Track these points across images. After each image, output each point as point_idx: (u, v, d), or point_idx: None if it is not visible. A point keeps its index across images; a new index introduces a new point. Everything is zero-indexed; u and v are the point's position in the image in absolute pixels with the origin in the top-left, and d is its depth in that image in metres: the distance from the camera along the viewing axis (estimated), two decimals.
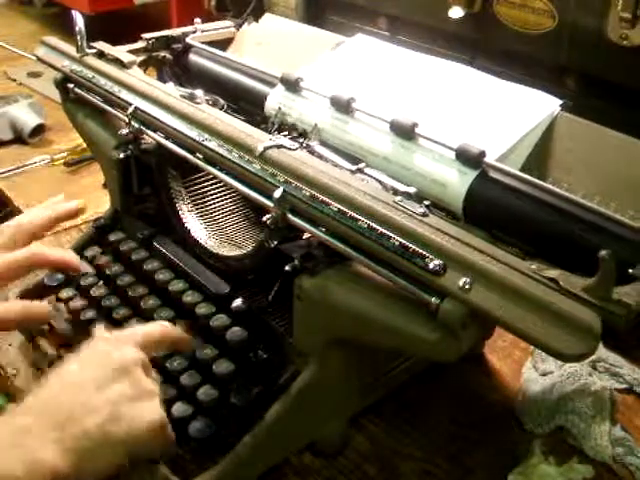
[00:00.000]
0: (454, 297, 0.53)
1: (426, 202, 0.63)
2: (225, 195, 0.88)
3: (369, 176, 0.68)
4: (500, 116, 0.70)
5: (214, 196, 0.87)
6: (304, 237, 0.67)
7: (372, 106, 0.74)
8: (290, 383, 0.68)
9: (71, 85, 0.95)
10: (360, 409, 0.77)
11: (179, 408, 0.69)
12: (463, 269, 0.53)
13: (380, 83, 0.79)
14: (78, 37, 0.92)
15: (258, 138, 0.70)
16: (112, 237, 0.89)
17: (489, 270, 0.52)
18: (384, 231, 0.57)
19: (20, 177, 1.27)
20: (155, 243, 0.85)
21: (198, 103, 0.79)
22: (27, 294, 0.88)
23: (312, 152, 0.72)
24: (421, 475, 0.72)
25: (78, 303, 0.84)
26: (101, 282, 0.86)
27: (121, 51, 0.93)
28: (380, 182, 0.67)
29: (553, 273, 0.51)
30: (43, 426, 0.51)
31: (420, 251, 0.55)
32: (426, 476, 0.72)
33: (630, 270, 0.51)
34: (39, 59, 0.99)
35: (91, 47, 0.93)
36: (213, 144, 0.72)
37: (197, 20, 1.02)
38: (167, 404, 0.70)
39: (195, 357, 0.72)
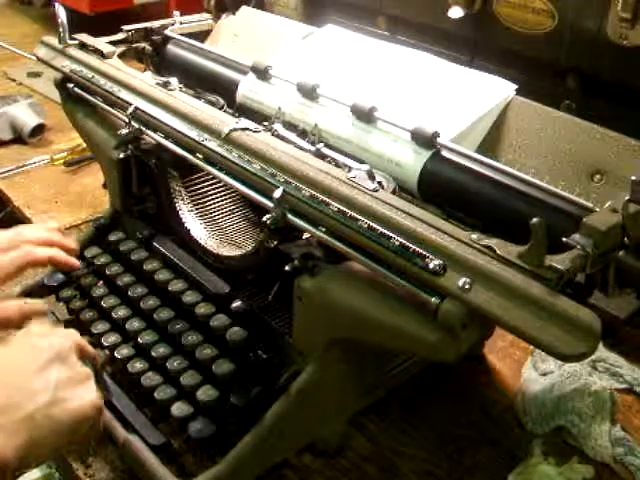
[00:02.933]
0: (454, 297, 0.53)
1: (378, 179, 0.65)
2: (225, 195, 0.88)
3: (327, 156, 0.71)
4: (457, 100, 0.74)
5: (214, 196, 0.87)
6: (304, 237, 0.67)
7: (336, 91, 0.77)
8: (290, 383, 0.68)
9: (71, 85, 0.95)
10: (360, 409, 0.77)
11: (179, 408, 0.69)
12: (463, 269, 0.53)
13: (346, 70, 0.83)
14: (60, 29, 0.95)
15: (224, 121, 0.74)
16: (112, 237, 0.89)
17: (489, 270, 0.52)
18: (384, 231, 0.57)
19: (20, 177, 1.27)
20: (155, 243, 0.85)
21: (172, 90, 0.82)
22: (27, 294, 0.88)
23: (275, 134, 0.75)
24: (421, 475, 0.72)
25: (78, 303, 0.84)
26: (101, 282, 0.86)
27: (101, 42, 0.95)
28: (336, 161, 0.70)
29: (491, 242, 0.54)
30: None
31: (420, 251, 0.55)
32: (426, 476, 0.72)
33: (564, 239, 0.52)
34: (39, 59, 1.00)
35: (73, 39, 0.96)
36: (213, 144, 0.73)
37: (176, 13, 1.05)
38: (167, 404, 0.70)
39: (195, 357, 0.72)
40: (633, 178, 0.55)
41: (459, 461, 0.73)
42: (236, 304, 0.73)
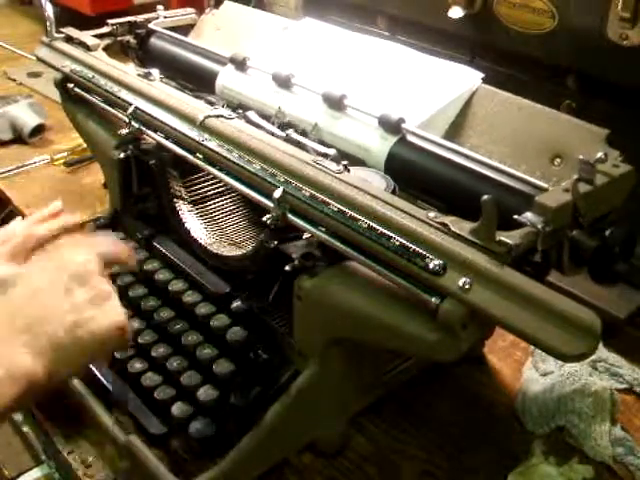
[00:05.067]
0: (454, 297, 0.53)
1: (344, 162, 0.68)
2: (225, 195, 0.88)
3: (296, 140, 0.74)
4: (426, 88, 0.77)
5: (214, 196, 0.87)
6: (304, 237, 0.67)
7: (309, 81, 0.81)
8: (290, 383, 0.68)
9: (71, 85, 0.95)
10: (360, 409, 0.77)
11: (179, 408, 0.69)
12: (463, 269, 0.53)
13: (320, 60, 0.86)
14: (47, 23, 0.97)
15: (200, 109, 0.77)
16: None
17: (489, 270, 0.52)
18: (384, 231, 0.57)
19: (20, 177, 1.27)
20: (155, 243, 0.85)
21: (152, 80, 0.86)
22: None
23: (248, 121, 0.78)
24: (421, 475, 0.72)
25: None
26: None
27: (87, 35, 0.98)
28: (304, 145, 0.73)
29: (446, 219, 0.56)
30: (12, 332, 0.52)
31: (420, 251, 0.55)
32: (426, 476, 0.72)
33: (515, 216, 0.54)
34: (39, 59, 1.00)
35: (60, 32, 0.99)
36: (213, 144, 0.73)
37: (160, 7, 1.07)
38: (167, 404, 0.70)
39: (195, 357, 0.72)
40: (580, 157, 0.57)
41: (459, 461, 0.73)
42: (236, 304, 0.73)
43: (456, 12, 0.99)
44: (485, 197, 0.52)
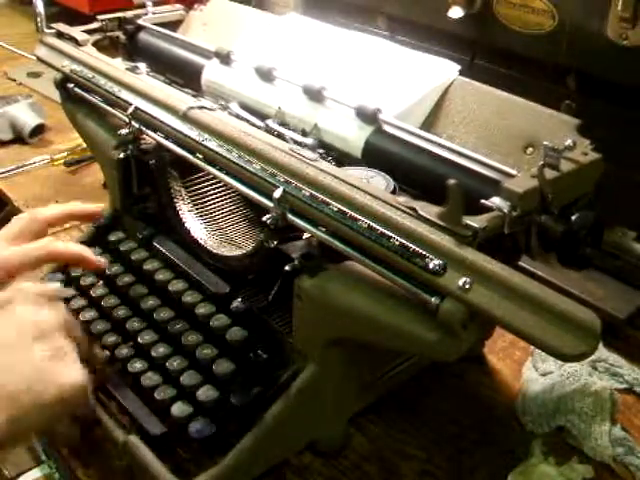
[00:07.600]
0: (454, 297, 0.53)
1: (320, 151, 0.71)
2: (225, 195, 0.88)
3: (275, 130, 0.77)
4: (404, 80, 0.79)
5: (214, 196, 0.87)
6: (304, 237, 0.67)
7: (292, 74, 0.82)
8: (290, 383, 0.68)
9: (71, 85, 0.95)
10: (360, 409, 0.77)
11: (179, 408, 0.69)
12: (463, 269, 0.53)
13: (303, 54, 0.88)
14: (38, 19, 0.98)
15: (184, 100, 0.79)
16: (112, 237, 0.89)
17: (489, 270, 0.52)
18: (384, 231, 0.57)
19: (20, 177, 1.27)
20: (155, 243, 0.85)
21: (139, 73, 0.88)
22: None
23: (231, 113, 0.81)
24: (421, 475, 0.72)
25: (78, 303, 0.84)
26: (101, 282, 0.86)
27: (76, 31, 0.99)
28: (283, 135, 0.76)
29: (415, 203, 0.57)
30: None
31: (420, 251, 0.55)
32: (426, 476, 0.72)
33: (482, 201, 0.56)
34: (39, 59, 1.00)
35: (50, 27, 1.01)
36: (213, 144, 0.73)
37: (148, 3, 1.08)
38: (167, 404, 0.70)
39: (195, 357, 0.72)
40: (545, 143, 0.58)
41: (459, 461, 0.73)
42: (236, 304, 0.73)
43: (456, 12, 0.99)
44: (451, 181, 0.53)
